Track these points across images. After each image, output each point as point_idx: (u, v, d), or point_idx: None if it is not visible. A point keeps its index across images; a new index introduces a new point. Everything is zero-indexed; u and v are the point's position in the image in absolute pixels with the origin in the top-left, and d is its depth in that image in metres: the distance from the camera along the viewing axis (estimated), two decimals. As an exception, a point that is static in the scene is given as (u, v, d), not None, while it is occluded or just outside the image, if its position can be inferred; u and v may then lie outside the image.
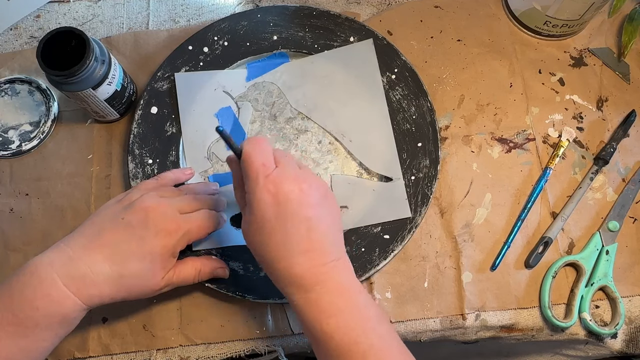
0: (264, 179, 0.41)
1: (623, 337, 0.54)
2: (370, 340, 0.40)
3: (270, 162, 0.42)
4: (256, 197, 0.41)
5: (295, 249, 0.41)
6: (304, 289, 0.41)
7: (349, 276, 0.43)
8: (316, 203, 0.42)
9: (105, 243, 0.44)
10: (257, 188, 0.41)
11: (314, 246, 0.41)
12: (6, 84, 0.61)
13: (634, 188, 0.57)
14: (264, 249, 0.42)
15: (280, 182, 0.41)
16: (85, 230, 0.45)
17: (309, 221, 0.41)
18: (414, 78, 0.59)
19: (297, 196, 0.41)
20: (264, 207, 0.40)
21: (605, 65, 0.63)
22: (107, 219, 0.45)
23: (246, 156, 0.42)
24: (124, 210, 0.46)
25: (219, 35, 0.61)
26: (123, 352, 0.53)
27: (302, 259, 0.41)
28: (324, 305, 0.40)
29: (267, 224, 0.41)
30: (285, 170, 0.42)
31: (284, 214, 0.40)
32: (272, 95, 0.60)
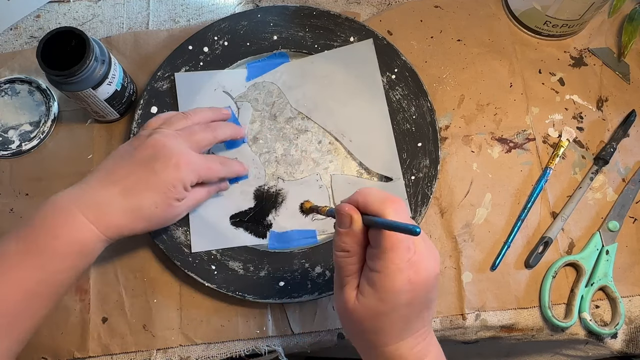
0: (407, 265, 0.35)
1: (623, 337, 0.54)
2: None
3: (412, 244, 0.36)
4: (394, 285, 0.35)
5: (411, 332, 0.38)
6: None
7: (437, 345, 0.41)
8: (437, 281, 0.38)
9: (119, 177, 0.46)
10: (398, 275, 0.35)
11: (424, 326, 0.38)
12: (6, 84, 0.61)
13: (634, 188, 0.57)
14: (377, 334, 0.37)
15: (421, 270, 0.35)
16: (101, 167, 0.48)
17: (430, 303, 0.38)
18: (414, 78, 0.59)
19: (432, 280, 0.36)
20: (400, 295, 0.35)
21: (605, 65, 0.63)
22: (119, 158, 0.48)
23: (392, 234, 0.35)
24: (134, 148, 0.48)
25: (219, 35, 0.61)
26: (123, 352, 0.53)
27: (410, 340, 0.38)
28: None
29: (396, 311, 0.36)
30: (423, 253, 0.36)
31: (415, 300, 0.36)
32: (272, 95, 0.60)
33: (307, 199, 0.55)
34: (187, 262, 0.53)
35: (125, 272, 0.55)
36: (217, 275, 0.53)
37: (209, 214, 0.55)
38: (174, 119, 0.51)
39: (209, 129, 0.52)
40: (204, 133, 0.51)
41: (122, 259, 0.55)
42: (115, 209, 0.45)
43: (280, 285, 0.52)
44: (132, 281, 0.55)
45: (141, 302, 0.54)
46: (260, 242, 0.54)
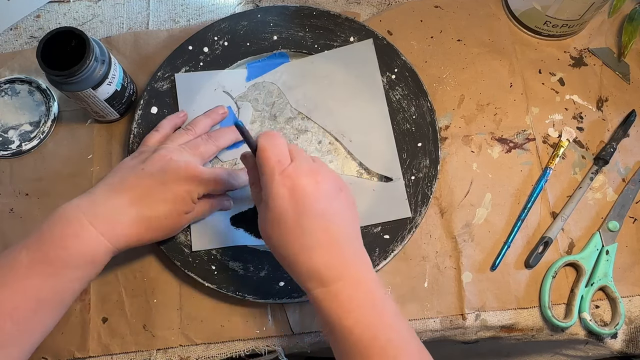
0: (279, 174, 0.41)
1: (623, 337, 0.54)
2: (389, 335, 0.40)
3: (285, 158, 0.42)
4: (273, 193, 0.41)
5: (315, 242, 0.41)
6: (323, 283, 0.41)
7: (368, 271, 0.43)
8: (332, 196, 0.42)
9: (128, 189, 0.47)
10: (273, 183, 0.41)
11: (333, 239, 0.41)
12: (6, 84, 0.61)
13: (634, 188, 0.57)
14: (282, 244, 0.42)
15: (296, 177, 0.41)
16: (108, 180, 0.48)
17: (326, 214, 0.41)
18: (414, 78, 0.59)
19: (313, 189, 0.41)
20: (281, 201, 0.41)
21: (605, 65, 0.63)
22: (128, 170, 0.48)
23: (261, 152, 0.42)
24: (143, 162, 0.49)
25: (219, 35, 0.61)
26: (123, 352, 0.53)
27: (321, 252, 0.41)
28: (344, 300, 0.40)
29: (285, 218, 0.41)
30: (301, 165, 0.42)
31: (301, 207, 0.40)
32: (272, 95, 0.60)
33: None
34: (187, 262, 0.53)
35: (125, 272, 0.55)
36: (217, 275, 0.53)
37: (209, 214, 0.55)
38: (176, 135, 0.53)
39: (211, 140, 0.54)
40: (207, 145, 0.53)
41: (122, 259, 0.55)
42: (125, 219, 0.45)
43: (280, 285, 0.52)
44: (132, 281, 0.55)
45: (141, 302, 0.54)
46: (260, 242, 0.54)
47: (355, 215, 0.44)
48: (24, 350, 0.42)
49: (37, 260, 0.42)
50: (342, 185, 0.44)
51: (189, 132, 0.54)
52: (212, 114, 0.57)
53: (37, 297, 0.42)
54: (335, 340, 0.41)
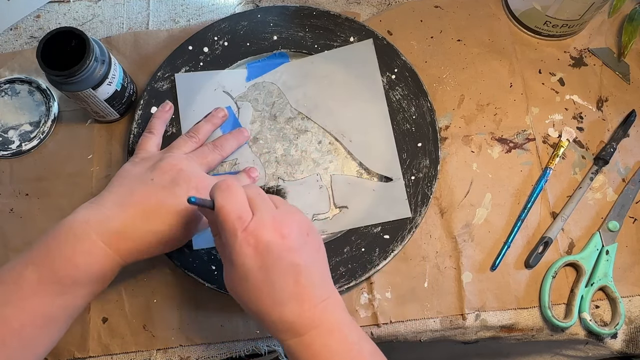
0: (242, 232, 0.39)
1: (623, 337, 0.54)
2: None
3: (246, 213, 0.39)
4: (236, 252, 0.39)
5: (285, 297, 0.39)
6: (297, 334, 0.40)
7: (340, 314, 0.41)
8: (299, 246, 0.40)
9: (139, 201, 0.45)
10: (236, 243, 0.39)
11: (304, 291, 0.40)
12: (6, 84, 0.61)
13: (634, 188, 0.57)
14: (252, 300, 0.40)
15: (259, 233, 0.39)
16: (115, 190, 0.47)
17: (295, 267, 0.39)
18: (414, 78, 0.59)
19: (278, 244, 0.39)
20: (246, 260, 0.39)
21: (605, 65, 0.63)
22: (135, 180, 0.47)
23: (219, 210, 0.39)
24: (150, 171, 0.48)
25: (219, 35, 0.61)
26: (123, 352, 0.53)
27: (292, 306, 0.39)
28: (318, 349, 0.39)
29: (251, 276, 0.39)
30: (263, 219, 0.39)
31: (267, 264, 0.39)
32: (272, 95, 0.60)
33: (307, 199, 0.55)
34: (187, 262, 0.53)
35: (125, 272, 0.54)
36: (217, 275, 0.53)
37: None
38: (180, 142, 0.53)
39: (216, 149, 0.54)
40: (212, 154, 0.53)
41: (122, 259, 0.55)
42: (136, 234, 0.44)
43: (280, 285, 0.52)
44: (132, 281, 0.55)
45: (141, 302, 0.54)
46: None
47: (323, 255, 0.43)
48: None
49: (46, 279, 0.41)
50: (308, 228, 0.42)
51: (193, 139, 0.53)
52: (212, 119, 0.56)
53: (44, 314, 0.41)
54: None
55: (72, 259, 0.41)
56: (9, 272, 0.41)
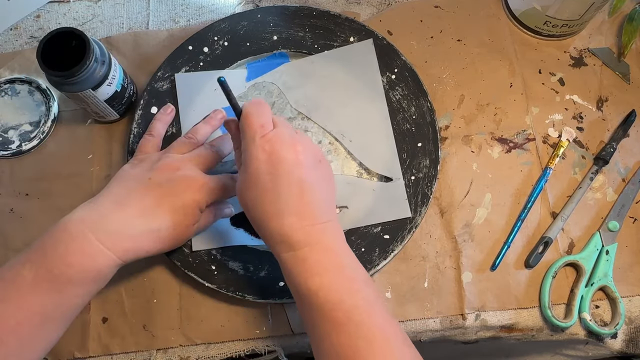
0: (260, 138, 0.42)
1: (623, 337, 0.54)
2: (355, 301, 0.40)
3: (268, 123, 0.43)
4: (251, 155, 0.42)
5: (287, 208, 0.41)
6: (292, 248, 0.41)
7: (337, 239, 0.43)
8: (310, 165, 0.42)
9: (136, 200, 0.46)
10: (253, 146, 0.42)
11: (306, 207, 0.42)
12: (6, 84, 0.61)
13: (634, 188, 0.57)
14: (256, 206, 0.42)
15: (276, 142, 0.42)
16: (112, 190, 0.47)
17: (301, 182, 0.41)
18: (414, 78, 0.59)
19: (291, 157, 0.42)
20: (258, 164, 0.41)
21: (605, 65, 0.63)
22: (133, 180, 0.47)
23: (246, 115, 0.43)
24: (148, 171, 0.48)
25: (219, 35, 0.61)
26: (123, 352, 0.53)
27: (293, 219, 0.41)
28: (311, 264, 0.41)
29: (261, 181, 0.41)
30: (282, 132, 0.43)
31: (278, 172, 0.41)
32: (272, 95, 0.60)
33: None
34: (187, 262, 0.53)
35: (125, 272, 0.55)
36: (217, 275, 0.53)
37: (209, 214, 0.55)
38: (178, 144, 0.53)
39: (214, 150, 0.53)
40: (210, 154, 0.53)
41: (122, 259, 0.55)
42: (133, 232, 0.44)
43: (280, 285, 0.52)
44: (132, 281, 0.55)
45: (141, 302, 0.54)
46: (260, 242, 0.54)
47: (332, 188, 0.45)
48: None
49: (41, 277, 0.41)
50: (321, 157, 0.45)
51: (191, 141, 0.53)
52: (211, 121, 0.56)
53: (41, 313, 0.41)
54: (301, 303, 0.41)
55: (66, 258, 0.41)
56: (8, 270, 0.42)
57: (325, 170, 0.45)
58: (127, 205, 0.45)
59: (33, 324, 0.41)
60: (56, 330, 0.43)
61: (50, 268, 0.41)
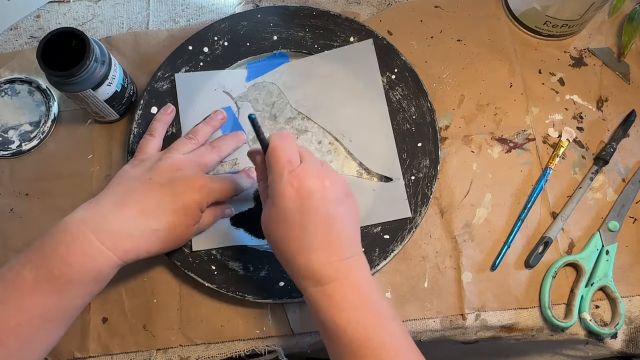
0: (288, 174, 0.41)
1: (623, 337, 0.54)
2: (382, 337, 0.40)
3: (295, 158, 0.43)
4: (279, 191, 0.41)
5: (315, 244, 0.41)
6: (320, 283, 0.41)
7: (364, 273, 0.43)
8: (337, 200, 0.42)
9: (137, 200, 0.46)
10: (281, 182, 0.41)
11: (333, 242, 0.41)
12: (6, 84, 0.61)
13: (634, 188, 0.57)
14: (283, 242, 0.42)
15: (303, 178, 0.41)
16: (113, 190, 0.47)
17: (329, 217, 0.41)
18: (414, 78, 0.59)
19: (319, 192, 0.41)
20: (287, 201, 0.41)
21: (605, 65, 0.63)
22: (134, 180, 0.47)
23: (273, 150, 0.43)
24: (149, 171, 0.48)
25: (219, 35, 0.61)
26: (123, 352, 0.53)
27: (320, 255, 0.41)
28: (338, 300, 0.40)
29: (289, 217, 0.41)
30: (309, 167, 0.42)
31: (305, 208, 0.41)
32: (272, 95, 0.60)
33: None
34: (187, 262, 0.53)
35: (125, 272, 0.55)
36: (217, 275, 0.53)
37: (209, 214, 0.55)
38: (179, 144, 0.53)
39: (214, 150, 0.54)
40: (210, 154, 0.53)
41: (122, 259, 0.55)
42: (134, 232, 0.44)
43: (280, 285, 0.52)
44: (132, 281, 0.55)
45: (141, 302, 0.54)
46: (260, 242, 0.54)
47: (358, 220, 0.45)
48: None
49: (42, 277, 0.41)
50: (348, 191, 0.44)
51: (192, 141, 0.53)
52: (211, 121, 0.56)
53: (41, 313, 0.41)
54: (329, 340, 0.41)
55: (67, 258, 0.41)
56: (9, 271, 0.42)
57: (352, 202, 0.44)
58: (128, 206, 0.45)
59: (33, 325, 0.41)
60: (57, 331, 0.43)
61: (50, 268, 0.41)
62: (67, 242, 0.42)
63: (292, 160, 0.42)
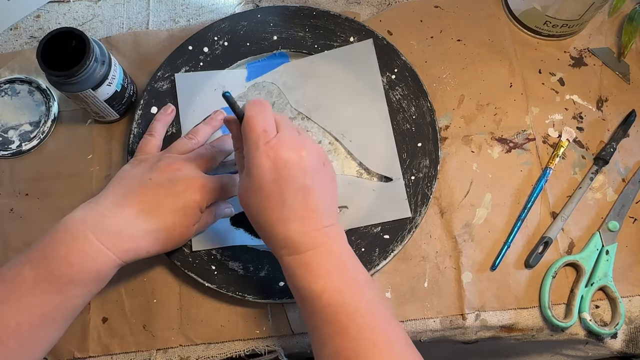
0: (264, 144, 0.41)
1: (623, 337, 0.54)
2: (357, 302, 0.40)
3: (271, 128, 0.42)
4: (255, 162, 0.41)
5: (292, 214, 0.41)
6: (296, 251, 0.41)
7: (341, 242, 0.43)
8: (314, 170, 0.42)
9: (137, 200, 0.46)
10: (256, 153, 0.41)
11: (310, 212, 0.42)
12: (6, 84, 0.61)
13: (634, 188, 0.57)
14: (259, 212, 0.42)
15: (279, 149, 0.41)
16: (113, 190, 0.47)
17: (306, 188, 0.41)
18: (414, 78, 0.59)
19: (295, 163, 0.41)
20: (262, 171, 0.41)
21: (605, 65, 0.63)
22: (134, 180, 0.47)
23: (248, 120, 0.42)
24: (149, 171, 0.48)
25: (219, 35, 0.61)
26: (123, 352, 0.53)
27: (297, 224, 0.41)
28: (314, 267, 0.41)
29: (265, 188, 0.41)
30: (286, 137, 0.42)
31: (282, 179, 0.41)
32: (272, 95, 0.60)
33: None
34: (187, 262, 0.53)
35: (125, 272, 0.55)
36: (217, 275, 0.53)
37: (209, 214, 0.55)
38: (179, 144, 0.53)
39: (214, 150, 0.54)
40: (211, 155, 0.53)
41: (122, 259, 0.55)
42: (133, 232, 0.44)
43: (280, 285, 0.52)
44: (132, 281, 0.55)
45: (141, 302, 0.54)
46: (260, 242, 0.54)
47: (335, 189, 0.45)
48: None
49: (42, 278, 0.41)
50: (324, 159, 0.44)
51: (192, 141, 0.53)
52: (211, 122, 0.56)
53: (41, 313, 0.41)
54: (304, 305, 0.42)
55: (67, 258, 0.41)
56: (8, 271, 0.42)
57: (329, 172, 0.45)
58: (128, 206, 0.45)
59: (33, 325, 0.41)
60: (56, 331, 0.43)
61: (50, 268, 0.41)
62: (67, 242, 0.42)
63: (268, 130, 0.42)
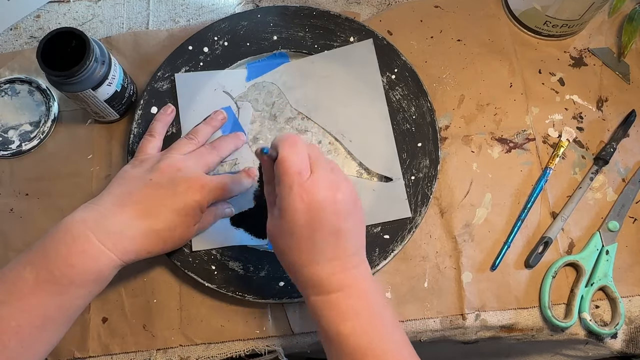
0: (298, 186, 0.40)
1: (623, 337, 0.54)
2: (385, 345, 0.40)
3: (305, 170, 0.41)
4: (288, 204, 0.40)
5: (321, 256, 0.41)
6: (323, 292, 0.41)
7: (368, 281, 0.42)
8: (347, 213, 0.41)
9: (137, 200, 0.46)
10: (290, 195, 0.40)
11: (341, 255, 0.41)
12: (6, 84, 0.61)
13: (634, 188, 0.57)
14: (290, 253, 0.41)
15: (314, 191, 0.40)
16: (113, 191, 0.47)
17: (339, 232, 0.40)
18: (414, 78, 0.59)
19: (330, 206, 0.40)
20: (295, 214, 0.40)
21: (605, 65, 0.63)
22: (134, 181, 0.47)
23: (282, 161, 0.40)
24: (149, 172, 0.48)
25: (219, 35, 0.61)
26: (123, 352, 0.53)
27: (326, 266, 0.41)
28: (343, 308, 0.40)
29: (297, 230, 0.40)
30: (320, 178, 0.41)
31: (315, 222, 0.40)
32: (272, 95, 0.60)
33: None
34: (187, 262, 0.53)
35: (125, 272, 0.55)
36: (217, 275, 0.53)
37: (209, 214, 0.55)
38: (179, 144, 0.53)
39: (214, 150, 0.53)
40: (210, 155, 0.53)
41: (122, 259, 0.55)
42: (134, 232, 0.44)
43: (280, 285, 0.52)
44: (132, 281, 0.55)
45: (141, 302, 0.54)
46: (260, 242, 0.54)
47: (364, 228, 0.44)
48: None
49: (43, 279, 0.41)
50: (356, 198, 0.43)
51: (192, 141, 0.53)
52: (212, 122, 0.56)
53: (42, 315, 0.41)
54: (330, 347, 0.41)
55: (68, 259, 0.41)
56: (9, 272, 0.42)
57: (359, 213, 0.43)
58: (128, 206, 0.45)
59: (34, 326, 0.41)
60: (57, 332, 0.43)
61: (51, 269, 0.41)
62: (68, 243, 0.42)
63: (302, 172, 0.40)
